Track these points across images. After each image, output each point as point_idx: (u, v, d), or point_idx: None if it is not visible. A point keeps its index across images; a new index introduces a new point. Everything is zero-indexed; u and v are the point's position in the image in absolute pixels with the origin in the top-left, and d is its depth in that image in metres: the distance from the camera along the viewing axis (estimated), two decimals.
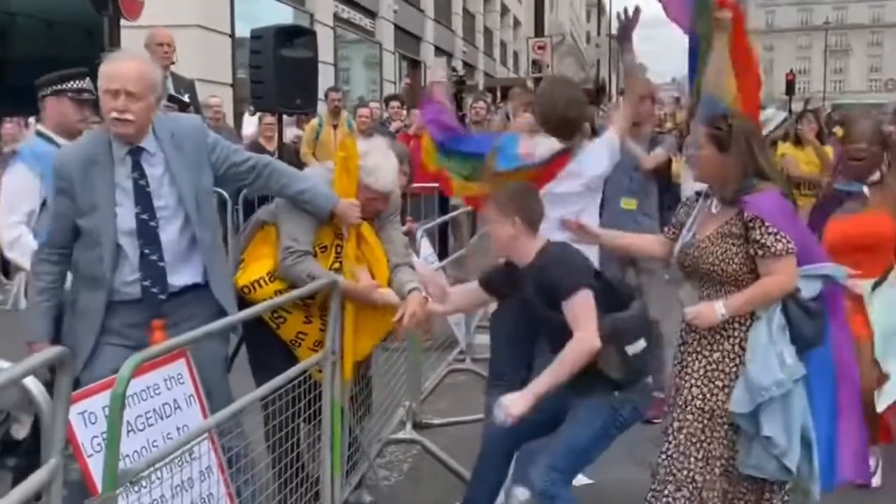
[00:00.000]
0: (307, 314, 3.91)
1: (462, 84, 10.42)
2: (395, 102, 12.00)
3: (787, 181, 6.17)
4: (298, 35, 8.79)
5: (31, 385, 2.14)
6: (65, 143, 4.05)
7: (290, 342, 3.93)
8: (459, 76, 10.64)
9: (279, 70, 8.06)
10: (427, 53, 30.17)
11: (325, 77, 10.43)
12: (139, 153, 3.51)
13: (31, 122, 11.98)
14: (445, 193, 5.97)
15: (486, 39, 40.91)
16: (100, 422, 2.94)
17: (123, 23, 8.36)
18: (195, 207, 3.56)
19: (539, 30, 27.02)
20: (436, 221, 8.06)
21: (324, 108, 10.81)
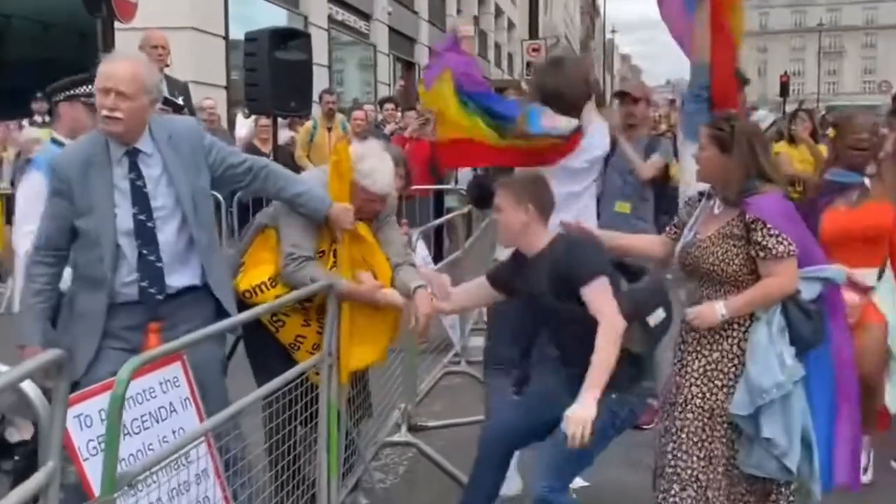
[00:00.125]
0: (305, 317, 3.91)
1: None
2: (390, 105, 11.98)
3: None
4: (293, 38, 8.80)
5: (29, 389, 2.13)
6: None
7: (289, 345, 3.93)
8: None
9: (274, 72, 8.06)
10: (421, 55, 30.16)
11: (320, 79, 10.42)
12: (135, 154, 3.52)
13: (25, 124, 11.98)
14: (443, 164, 5.51)
15: (481, 41, 40.89)
16: (95, 425, 2.94)
17: (117, 25, 8.37)
18: (192, 208, 3.57)
19: (533, 32, 26.98)
20: (431, 224, 8.06)
21: (318, 111, 10.80)
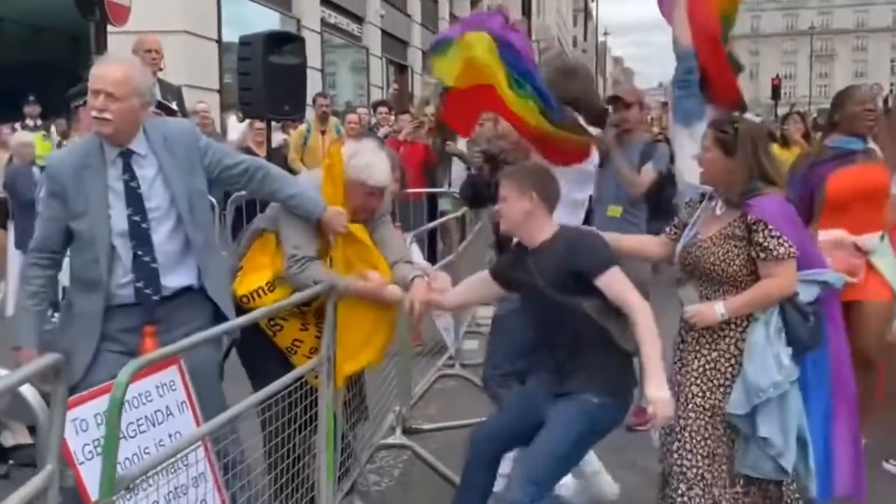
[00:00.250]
0: (303, 322, 3.92)
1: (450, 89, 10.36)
2: (384, 108, 11.98)
3: None
4: (287, 41, 8.81)
5: (27, 393, 2.14)
6: None
7: (287, 349, 3.93)
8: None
9: (268, 76, 8.07)
10: (414, 58, 30.16)
11: (312, 82, 10.43)
12: (129, 155, 3.53)
13: (17, 128, 11.97)
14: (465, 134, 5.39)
15: None
16: (91, 429, 2.95)
17: (110, 28, 8.36)
18: (188, 209, 3.58)
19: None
20: (425, 227, 8.06)
21: (311, 114, 10.81)
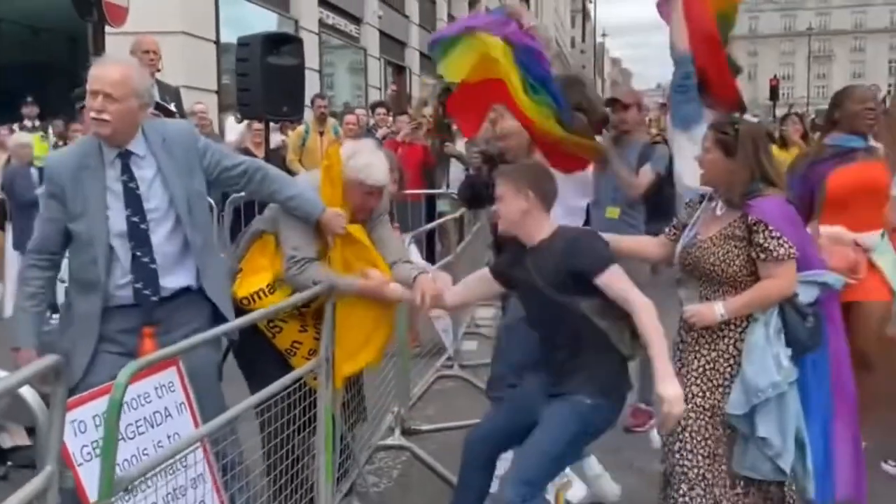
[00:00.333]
0: (302, 323, 3.92)
1: (448, 90, 10.35)
2: (382, 109, 11.98)
3: None
4: (285, 42, 8.79)
5: (27, 394, 2.15)
6: None
7: (286, 351, 3.93)
8: (446, 82, 10.57)
9: (266, 77, 8.06)
10: (412, 59, 30.19)
11: (310, 83, 10.42)
12: (128, 156, 3.54)
13: (15, 128, 11.95)
14: (468, 134, 5.24)
15: None
16: (89, 431, 2.95)
17: (108, 29, 8.34)
18: (187, 210, 3.58)
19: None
20: (423, 228, 8.07)
21: (310, 115, 10.81)
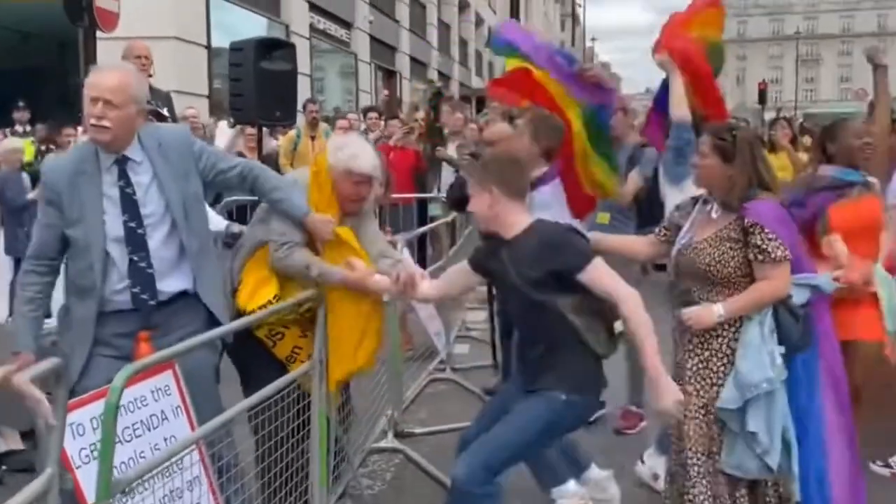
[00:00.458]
0: (303, 329, 3.91)
1: (440, 95, 10.40)
2: (373, 114, 12.01)
3: None
4: (278, 48, 8.82)
5: None
6: None
7: (286, 359, 3.91)
8: (437, 87, 10.62)
9: (259, 82, 8.07)
10: (402, 64, 30.25)
11: (301, 88, 10.42)
12: (125, 162, 3.55)
13: (7, 133, 11.93)
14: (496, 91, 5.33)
15: (461, 50, 41.04)
16: (87, 433, 2.96)
17: (99, 34, 8.36)
18: (183, 215, 3.59)
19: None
20: (415, 232, 8.09)
21: (301, 120, 10.83)
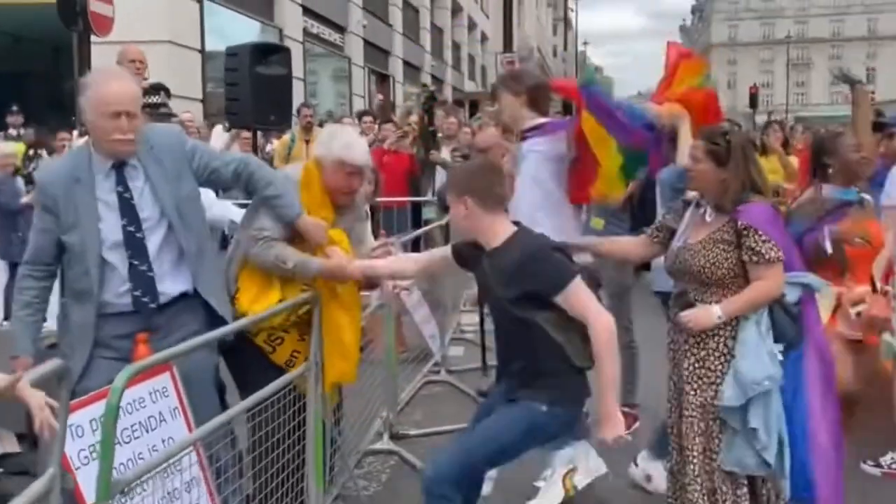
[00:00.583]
0: (301, 332, 3.91)
1: (433, 99, 10.42)
2: (368, 118, 12.04)
3: None
4: (273, 52, 8.86)
5: None
6: None
7: (285, 363, 3.90)
8: (431, 91, 10.63)
9: (254, 87, 8.10)
10: (396, 68, 30.28)
11: (294, 92, 10.46)
12: (123, 167, 3.56)
13: (1, 137, 11.92)
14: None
15: (454, 54, 41.08)
16: (87, 435, 2.98)
17: (93, 39, 8.32)
18: (178, 216, 3.60)
19: (507, 44, 26.92)
20: (409, 235, 8.11)
21: (296, 124, 10.85)
